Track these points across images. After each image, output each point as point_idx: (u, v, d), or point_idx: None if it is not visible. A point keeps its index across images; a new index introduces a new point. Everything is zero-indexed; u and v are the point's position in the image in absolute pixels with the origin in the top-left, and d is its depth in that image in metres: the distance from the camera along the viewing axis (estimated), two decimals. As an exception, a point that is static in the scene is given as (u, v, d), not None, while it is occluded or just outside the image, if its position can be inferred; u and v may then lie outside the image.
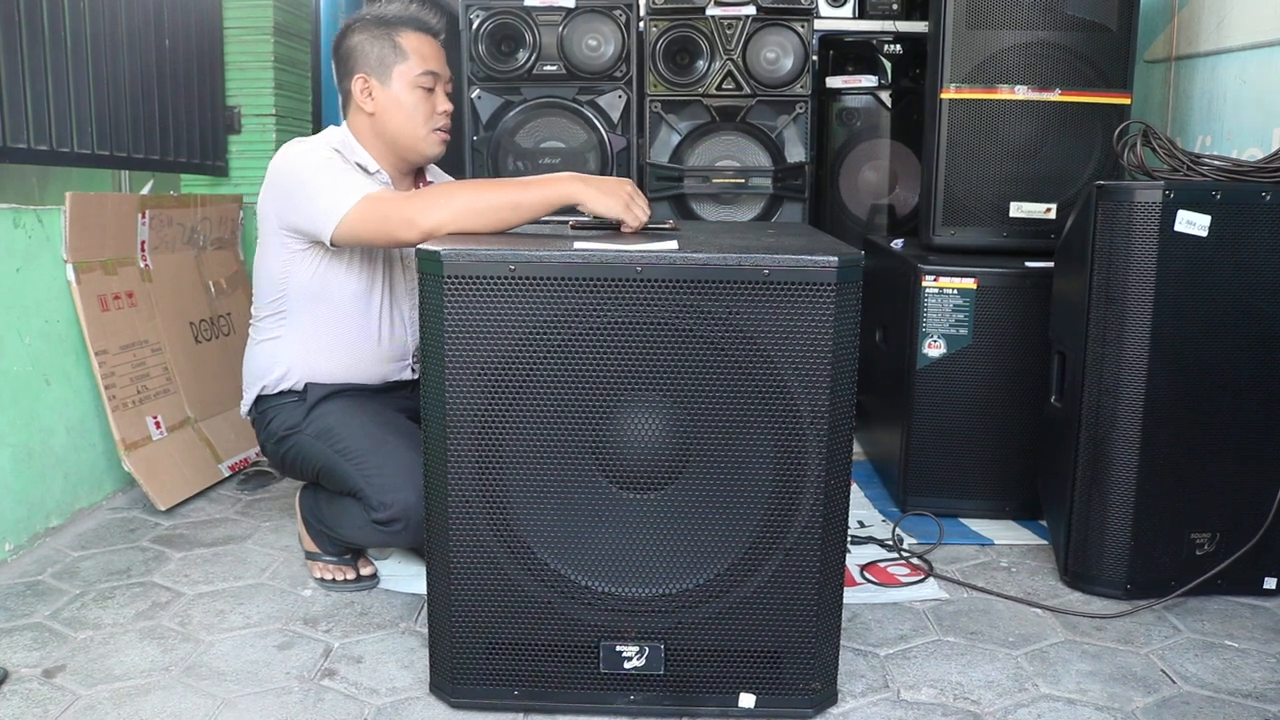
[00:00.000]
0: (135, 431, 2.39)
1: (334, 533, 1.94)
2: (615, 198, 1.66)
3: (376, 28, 1.93)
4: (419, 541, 1.74)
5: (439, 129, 1.96)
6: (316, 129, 3.49)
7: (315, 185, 1.79)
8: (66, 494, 2.27)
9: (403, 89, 1.92)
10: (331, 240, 1.79)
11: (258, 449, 2.77)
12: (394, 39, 1.92)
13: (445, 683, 1.52)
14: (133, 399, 2.41)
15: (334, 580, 1.96)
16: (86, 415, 2.33)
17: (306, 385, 1.94)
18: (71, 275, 2.27)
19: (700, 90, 2.90)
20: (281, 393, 1.95)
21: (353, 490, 1.84)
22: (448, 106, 1.98)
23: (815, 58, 3.16)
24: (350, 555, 1.98)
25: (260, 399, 1.98)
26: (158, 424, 2.47)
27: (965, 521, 2.35)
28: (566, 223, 1.80)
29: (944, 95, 2.36)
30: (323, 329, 1.94)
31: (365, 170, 1.94)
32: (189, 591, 1.94)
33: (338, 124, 2.01)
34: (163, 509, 2.36)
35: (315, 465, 1.91)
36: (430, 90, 1.94)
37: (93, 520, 2.32)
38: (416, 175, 2.07)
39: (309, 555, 2.01)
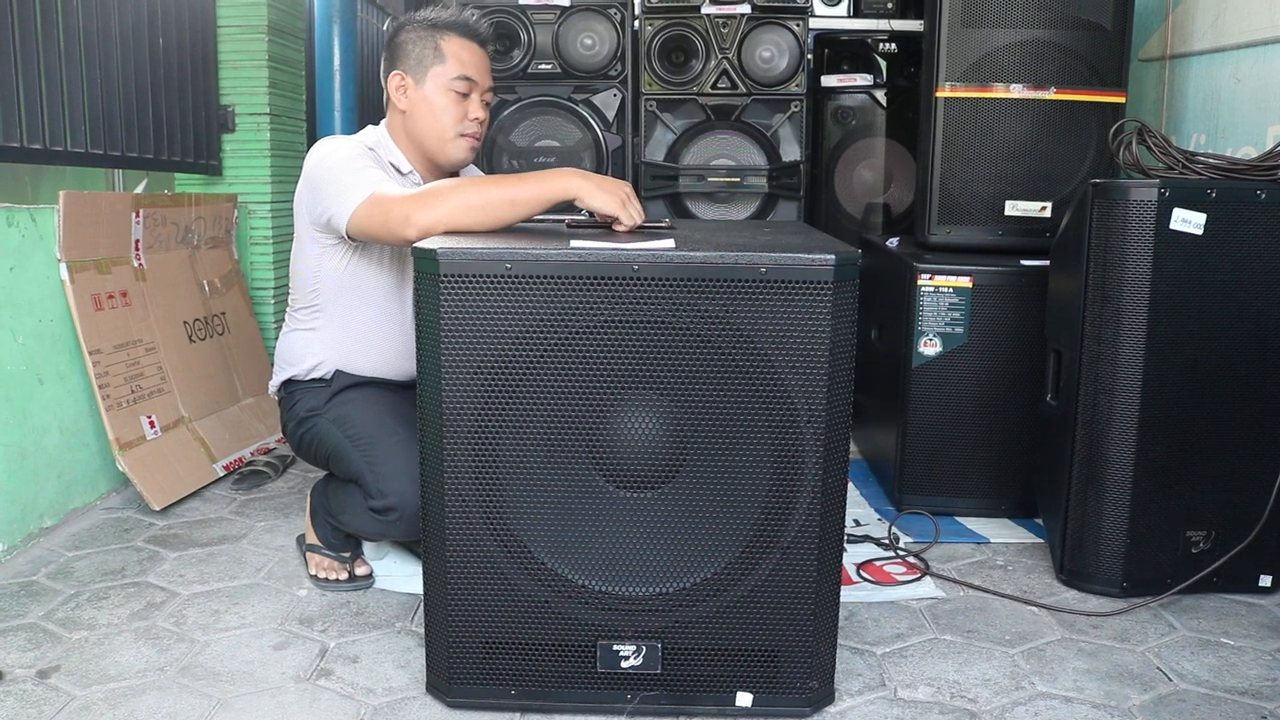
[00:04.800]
0: (129, 431, 2.38)
1: (336, 520, 1.96)
2: (612, 195, 1.66)
3: (423, 29, 1.94)
4: (414, 534, 1.74)
5: (467, 135, 1.96)
6: (311, 128, 3.47)
7: (333, 182, 1.80)
8: (60, 494, 2.26)
9: (435, 90, 1.93)
10: (346, 236, 1.81)
11: (252, 449, 2.78)
12: (437, 41, 1.93)
13: (442, 682, 1.51)
14: (127, 398, 2.40)
15: (329, 579, 1.96)
16: (80, 415, 2.32)
17: (335, 372, 1.97)
18: (65, 274, 2.26)
19: (695, 89, 2.90)
20: (311, 380, 1.98)
21: (356, 476, 1.86)
22: (480, 114, 1.98)
23: (810, 56, 3.16)
24: (348, 554, 1.98)
25: (289, 381, 2.00)
26: (152, 423, 2.46)
27: (961, 520, 2.35)
28: (563, 221, 1.80)
29: (939, 93, 2.36)
30: (356, 322, 1.96)
31: (398, 170, 1.96)
32: (184, 591, 1.94)
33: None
34: (157, 509, 2.35)
35: (327, 449, 1.93)
36: (464, 96, 1.95)
37: (87, 520, 2.31)
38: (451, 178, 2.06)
39: (309, 548, 2.01)
